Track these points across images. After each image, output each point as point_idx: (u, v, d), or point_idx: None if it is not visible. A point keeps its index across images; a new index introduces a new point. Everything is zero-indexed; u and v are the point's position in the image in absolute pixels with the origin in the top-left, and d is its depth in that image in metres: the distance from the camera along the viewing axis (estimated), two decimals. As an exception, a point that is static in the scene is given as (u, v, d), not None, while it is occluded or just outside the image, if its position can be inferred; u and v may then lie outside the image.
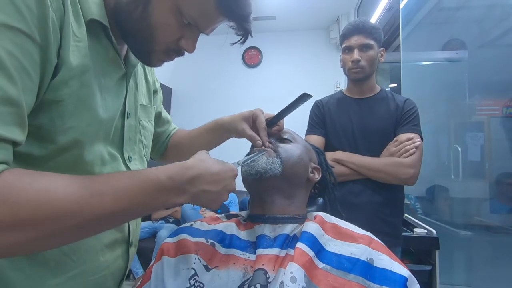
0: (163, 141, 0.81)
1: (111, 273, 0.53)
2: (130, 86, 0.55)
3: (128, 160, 0.55)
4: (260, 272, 0.51)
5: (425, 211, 2.16)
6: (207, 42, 4.18)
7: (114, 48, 0.49)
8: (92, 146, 0.46)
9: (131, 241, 0.59)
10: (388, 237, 0.75)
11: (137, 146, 0.59)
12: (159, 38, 0.47)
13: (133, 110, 0.57)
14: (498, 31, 1.90)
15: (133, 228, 0.59)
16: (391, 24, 2.34)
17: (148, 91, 0.66)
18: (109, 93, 0.49)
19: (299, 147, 0.69)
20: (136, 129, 0.58)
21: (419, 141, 1.03)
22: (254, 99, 3.45)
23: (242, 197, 2.98)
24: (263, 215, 0.63)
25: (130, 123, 0.55)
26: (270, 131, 0.68)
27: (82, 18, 0.42)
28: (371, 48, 1.08)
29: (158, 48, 0.49)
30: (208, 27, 0.52)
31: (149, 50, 0.49)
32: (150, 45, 0.48)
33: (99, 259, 0.50)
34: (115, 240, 0.54)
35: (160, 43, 0.48)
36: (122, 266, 0.57)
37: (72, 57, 0.39)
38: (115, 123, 0.51)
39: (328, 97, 1.24)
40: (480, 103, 2.05)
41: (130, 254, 0.59)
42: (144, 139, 0.61)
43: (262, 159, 0.62)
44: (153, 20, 0.45)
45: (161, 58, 0.51)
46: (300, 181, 0.67)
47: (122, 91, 0.53)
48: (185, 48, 0.51)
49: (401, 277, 0.50)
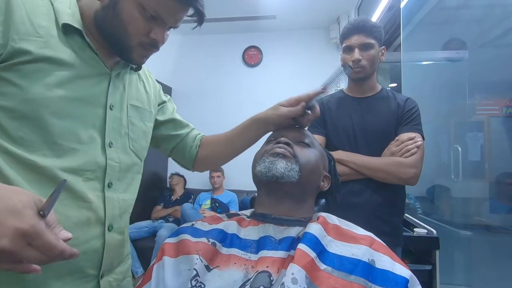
0: (191, 144, 0.84)
1: (82, 253, 0.52)
2: (116, 86, 0.63)
3: (109, 146, 0.60)
4: (264, 275, 0.51)
5: (425, 211, 2.16)
6: (207, 42, 4.17)
7: (91, 49, 0.58)
8: (61, 121, 0.53)
9: (110, 224, 0.59)
10: (388, 237, 0.74)
11: (122, 138, 0.64)
12: (132, 32, 0.57)
13: (119, 105, 0.64)
14: (499, 31, 1.89)
15: (113, 212, 0.60)
16: (392, 23, 2.34)
17: (148, 100, 0.74)
18: (84, 82, 0.57)
19: (316, 154, 0.68)
20: (121, 122, 0.64)
21: (420, 140, 1.03)
22: (254, 98, 3.44)
23: (242, 197, 2.98)
24: (270, 215, 0.63)
25: (114, 115, 0.62)
26: (305, 117, 0.70)
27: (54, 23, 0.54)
28: (371, 47, 1.08)
29: (134, 43, 0.58)
30: (170, 18, 0.58)
31: (127, 45, 0.58)
32: (126, 40, 0.57)
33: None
34: (87, 219, 0.55)
35: (133, 37, 0.57)
36: (98, 249, 0.58)
37: (30, 47, 0.50)
38: (96, 111, 0.59)
39: (329, 96, 1.23)
40: (480, 103, 2.04)
41: (108, 238, 0.59)
42: (132, 133, 0.67)
43: (281, 164, 0.61)
44: (123, 16, 0.55)
45: (140, 53, 0.61)
46: (312, 188, 0.68)
47: (102, 86, 0.60)
48: (155, 39, 0.59)
49: (403, 279, 0.49)
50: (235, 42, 3.50)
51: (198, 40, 3.57)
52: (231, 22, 3.22)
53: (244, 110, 3.54)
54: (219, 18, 3.13)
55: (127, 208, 0.67)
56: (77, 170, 0.55)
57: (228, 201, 2.89)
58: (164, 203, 2.99)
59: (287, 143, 0.65)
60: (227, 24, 3.30)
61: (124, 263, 0.68)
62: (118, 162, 0.62)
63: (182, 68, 3.59)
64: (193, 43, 3.59)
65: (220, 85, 3.53)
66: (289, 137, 0.69)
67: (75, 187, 0.54)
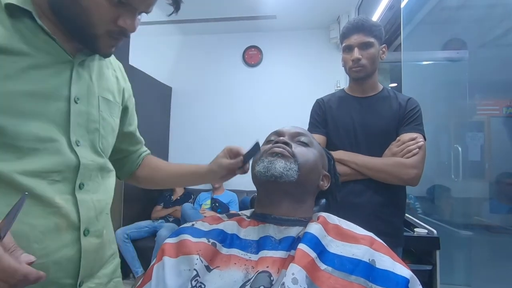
0: (135, 160, 0.81)
1: (54, 263, 0.49)
2: (80, 75, 0.56)
3: (76, 144, 0.55)
4: (264, 275, 0.51)
5: (425, 211, 2.16)
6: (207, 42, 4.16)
7: (46, 33, 0.50)
8: (14, 119, 0.47)
9: (86, 228, 0.54)
10: (389, 238, 0.74)
11: (91, 134, 0.58)
12: (95, 21, 0.49)
13: (85, 98, 0.57)
14: (499, 31, 1.89)
15: (88, 215, 0.55)
16: (392, 23, 2.34)
17: (118, 92, 0.68)
18: (40, 72, 0.49)
19: (315, 153, 0.68)
20: (89, 117, 0.58)
21: (422, 141, 1.02)
22: (254, 98, 3.44)
23: (242, 197, 2.98)
24: (269, 215, 0.63)
25: (80, 108, 0.56)
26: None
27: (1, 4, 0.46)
28: (371, 46, 1.07)
29: (99, 32, 0.51)
30: (140, 2, 0.52)
31: (92, 35, 0.51)
32: (90, 30, 0.50)
33: (32, 245, 0.47)
34: (55, 226, 0.50)
35: (99, 26, 0.50)
36: (73, 257, 0.52)
37: None
38: (56, 105, 0.51)
39: (330, 96, 1.23)
40: (480, 103, 2.04)
41: (84, 243, 0.54)
42: (103, 129, 0.61)
43: (280, 163, 0.61)
44: (85, 3, 0.48)
45: (107, 43, 0.53)
46: (311, 187, 0.68)
47: (63, 76, 0.53)
48: (124, 27, 0.52)
49: (403, 279, 0.49)
50: (235, 42, 3.50)
51: (198, 40, 3.57)
52: (231, 22, 3.22)
53: (244, 110, 3.56)
54: (219, 18, 3.13)
55: (104, 209, 0.61)
56: (40, 173, 0.49)
57: (228, 201, 2.89)
58: (164, 203, 2.98)
59: (285, 143, 0.65)
60: (227, 24, 3.30)
61: (109, 264, 0.65)
62: (92, 160, 0.57)
63: (182, 68, 3.59)
64: (193, 43, 3.59)
65: (220, 85, 3.52)
66: (288, 136, 0.69)
67: (39, 191, 0.48)
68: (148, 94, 3.06)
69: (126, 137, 0.76)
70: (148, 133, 0.76)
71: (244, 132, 3.27)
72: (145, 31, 3.47)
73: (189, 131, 3.49)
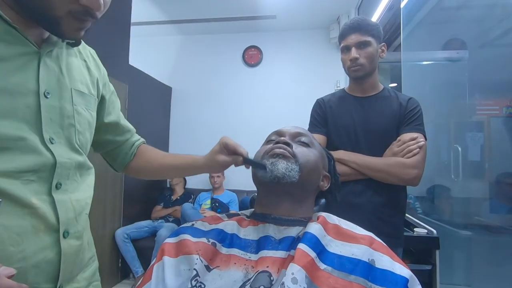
0: (128, 151, 0.78)
1: (33, 266, 0.47)
2: (49, 67, 0.53)
3: (50, 142, 0.52)
4: (264, 275, 0.51)
5: (425, 211, 2.16)
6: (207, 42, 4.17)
7: (5, 22, 0.46)
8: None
9: (65, 230, 0.52)
10: (389, 238, 0.74)
11: (66, 130, 0.55)
12: (55, 1, 0.45)
13: (56, 92, 0.54)
14: (499, 31, 1.89)
15: (66, 216, 0.53)
16: (392, 23, 2.34)
17: (92, 83, 0.64)
18: (2, 66, 0.46)
19: (316, 154, 0.68)
20: (63, 112, 0.55)
21: (422, 141, 1.02)
22: (254, 98, 3.45)
23: (242, 197, 2.98)
24: (269, 215, 0.63)
25: (51, 103, 0.52)
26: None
27: None
28: (369, 45, 1.07)
29: (61, 13, 0.47)
30: None
31: (53, 17, 0.47)
32: (50, 12, 0.46)
33: (8, 248, 0.44)
34: (32, 227, 0.47)
35: (59, 8, 0.46)
36: (52, 259, 0.50)
37: None
38: (24, 101, 0.48)
39: (330, 95, 1.23)
40: (480, 103, 2.04)
41: (64, 246, 0.52)
42: (78, 124, 0.58)
43: (282, 164, 0.61)
44: None
45: (72, 25, 0.49)
46: (312, 188, 0.68)
47: (29, 69, 0.50)
48: (88, 5, 0.47)
49: (402, 278, 0.49)
50: (235, 42, 3.50)
51: (198, 40, 3.58)
52: (231, 22, 3.22)
53: (244, 110, 3.56)
54: (219, 18, 3.13)
55: (84, 209, 0.59)
56: (12, 173, 0.46)
57: (228, 201, 2.89)
58: (164, 203, 2.99)
59: (286, 143, 0.65)
60: (227, 24, 3.30)
61: (88, 267, 0.63)
62: (69, 158, 0.55)
63: (182, 68, 3.59)
64: (193, 43, 3.59)
65: (220, 85, 3.53)
66: (288, 136, 0.69)
67: (12, 191, 0.46)
68: (148, 94, 3.07)
69: (109, 127, 0.72)
70: (148, 133, 0.75)
71: (244, 132, 3.27)
72: (145, 31, 3.48)
73: (189, 131, 3.49)
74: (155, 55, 3.56)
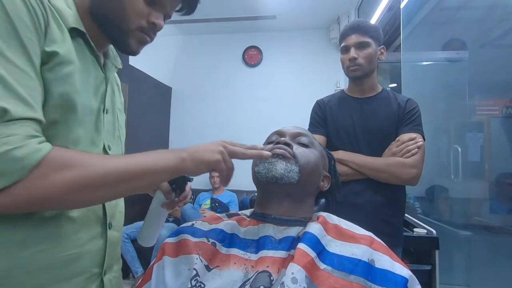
0: None
1: (87, 253, 0.54)
2: (108, 89, 0.63)
3: (108, 149, 0.61)
4: (264, 274, 0.51)
5: (425, 211, 2.16)
6: (207, 42, 4.16)
7: (92, 53, 0.57)
8: (76, 127, 0.52)
9: (109, 223, 0.60)
10: (388, 238, 0.74)
11: (116, 140, 0.66)
12: (131, 14, 0.55)
13: (111, 109, 0.64)
14: (499, 31, 1.89)
15: (111, 211, 0.61)
16: (392, 24, 2.34)
17: (121, 104, 0.75)
18: (90, 87, 0.56)
19: (316, 154, 0.68)
20: (114, 126, 0.65)
21: (421, 141, 1.03)
22: (254, 98, 3.45)
23: (242, 197, 2.98)
24: (269, 215, 0.63)
25: (109, 118, 0.63)
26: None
27: (64, 26, 0.51)
28: (368, 45, 1.08)
29: (132, 27, 0.56)
30: (168, 3, 0.59)
31: (125, 30, 0.56)
32: (124, 24, 0.55)
33: (69, 236, 0.52)
34: (87, 219, 0.55)
35: (132, 21, 0.55)
36: (101, 247, 0.58)
37: (59, 49, 0.48)
38: (96, 115, 0.58)
39: (330, 96, 1.24)
40: (480, 103, 2.04)
41: (109, 236, 0.60)
42: (122, 136, 0.69)
43: (281, 165, 0.61)
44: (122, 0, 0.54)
45: (138, 39, 0.58)
46: (312, 188, 0.68)
47: (101, 90, 0.60)
48: (154, 23, 0.57)
49: (402, 278, 0.49)
50: (235, 42, 3.51)
51: (198, 40, 3.58)
52: (231, 22, 3.22)
53: (244, 110, 3.55)
54: (219, 18, 3.14)
55: (121, 207, 0.69)
56: None
57: (228, 201, 2.89)
58: (164, 203, 2.98)
59: (286, 144, 0.65)
60: (227, 24, 3.30)
61: (118, 261, 0.69)
62: None
63: (182, 68, 3.60)
64: (193, 43, 3.59)
65: (220, 85, 3.53)
66: (289, 137, 0.69)
67: None
68: (148, 94, 3.07)
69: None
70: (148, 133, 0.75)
71: (244, 132, 3.27)
72: (145, 31, 3.47)
73: (189, 131, 3.49)
74: (155, 55, 3.56)
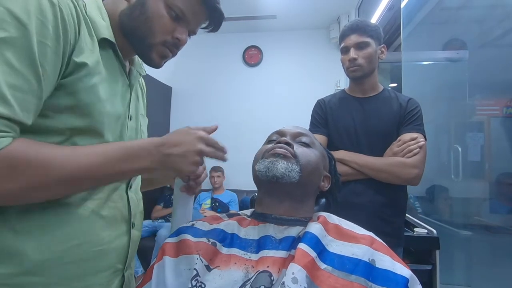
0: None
1: (113, 249, 0.58)
2: (132, 96, 0.65)
3: None
4: (265, 274, 0.51)
5: (425, 211, 2.16)
6: (207, 42, 4.16)
7: (119, 62, 0.60)
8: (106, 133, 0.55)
9: (133, 222, 0.63)
10: (389, 238, 0.74)
11: None
12: (157, 29, 0.58)
13: (135, 115, 0.67)
14: (499, 31, 1.89)
15: (135, 211, 0.65)
16: (392, 23, 2.34)
17: (144, 109, 0.78)
18: (117, 96, 0.59)
19: (317, 154, 0.68)
20: (137, 132, 0.68)
21: (422, 141, 1.03)
22: (254, 98, 3.45)
23: (242, 197, 2.98)
24: (270, 215, 0.63)
25: (132, 125, 0.65)
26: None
27: (95, 37, 0.54)
28: (367, 45, 1.08)
29: (157, 41, 0.59)
30: (193, 20, 0.61)
31: (150, 44, 0.59)
32: (150, 38, 0.58)
33: (99, 233, 0.55)
34: (115, 218, 0.59)
35: (158, 35, 0.58)
36: (125, 245, 0.61)
37: (88, 60, 0.51)
38: (121, 122, 0.60)
39: (330, 96, 1.24)
40: (480, 103, 2.04)
41: (132, 235, 0.63)
42: None
43: (282, 164, 0.61)
44: (150, 14, 0.57)
45: (160, 52, 0.61)
46: (312, 188, 0.68)
47: (127, 97, 0.63)
48: (178, 39, 0.60)
49: (403, 278, 0.49)
50: (235, 42, 3.50)
51: (198, 40, 3.57)
52: (231, 22, 3.22)
53: (244, 110, 3.55)
54: (219, 18, 3.13)
55: (141, 207, 0.71)
56: None
57: (228, 201, 2.89)
58: (164, 203, 2.98)
59: (287, 143, 0.65)
60: (227, 24, 3.29)
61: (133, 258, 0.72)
62: None
63: (182, 68, 3.59)
64: (193, 43, 3.57)
65: (220, 85, 3.53)
66: (290, 136, 0.69)
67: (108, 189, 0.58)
68: (148, 94, 3.05)
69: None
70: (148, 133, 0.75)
71: (244, 132, 3.27)
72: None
73: (189, 131, 3.49)
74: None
